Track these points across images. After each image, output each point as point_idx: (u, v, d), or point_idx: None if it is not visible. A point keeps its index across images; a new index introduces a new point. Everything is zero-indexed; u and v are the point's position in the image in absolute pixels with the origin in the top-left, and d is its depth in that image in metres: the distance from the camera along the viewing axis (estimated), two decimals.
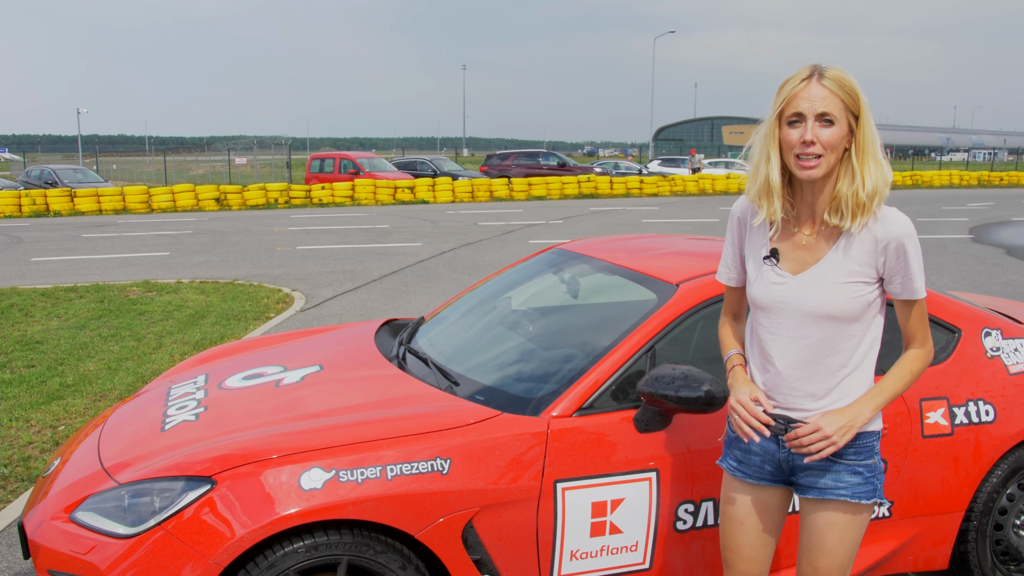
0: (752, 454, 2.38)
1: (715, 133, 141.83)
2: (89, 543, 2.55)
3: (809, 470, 2.31)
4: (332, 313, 9.02)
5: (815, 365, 2.24)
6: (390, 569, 2.59)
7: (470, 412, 2.82)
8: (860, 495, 2.27)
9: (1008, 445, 3.39)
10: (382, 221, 19.66)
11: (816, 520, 2.33)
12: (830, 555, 2.32)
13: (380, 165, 27.58)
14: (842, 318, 2.19)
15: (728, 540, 2.47)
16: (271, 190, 24.19)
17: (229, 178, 32.26)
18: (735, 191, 32.87)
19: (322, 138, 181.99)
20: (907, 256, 2.15)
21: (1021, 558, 3.59)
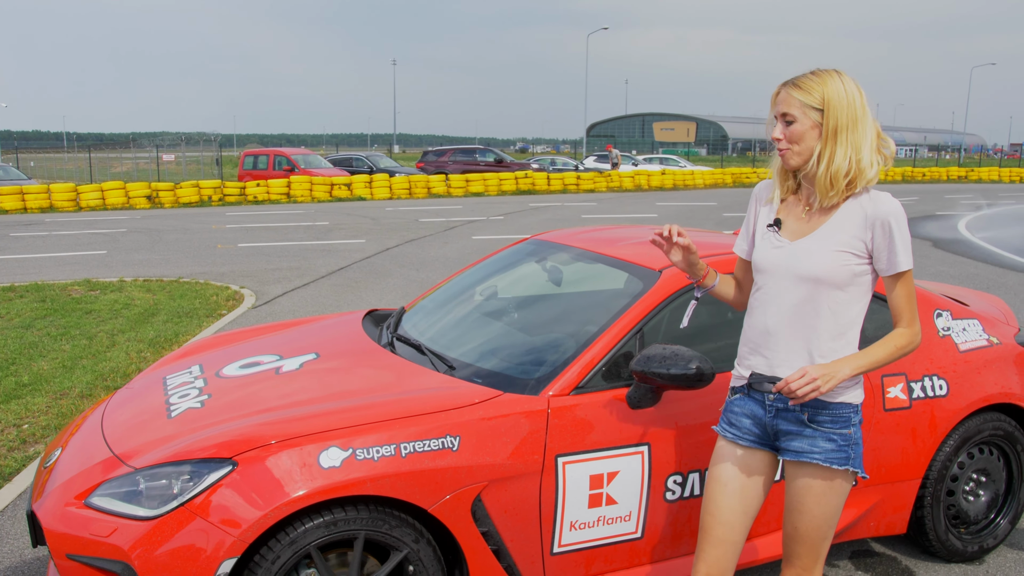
0: (742, 417, 2.60)
1: (646, 129, 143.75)
2: (110, 526, 2.64)
3: (789, 434, 2.53)
4: (284, 309, 9.06)
5: (800, 324, 2.47)
6: (404, 543, 2.75)
7: (474, 392, 2.99)
8: (833, 461, 2.48)
9: (959, 417, 3.70)
10: (321, 218, 19.60)
11: (796, 483, 2.54)
12: (808, 516, 2.53)
13: (315, 162, 27.40)
14: (828, 282, 2.43)
15: (710, 503, 2.63)
16: (204, 187, 23.87)
17: (158, 175, 31.67)
18: (671, 187, 33.52)
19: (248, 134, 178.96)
20: (892, 232, 2.40)
21: (970, 521, 3.91)
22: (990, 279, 11.67)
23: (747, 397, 2.60)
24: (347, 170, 28.13)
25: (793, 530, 2.57)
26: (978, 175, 44.37)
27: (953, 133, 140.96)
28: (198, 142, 40.79)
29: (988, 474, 3.91)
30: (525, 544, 2.94)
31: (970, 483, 3.88)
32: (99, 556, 2.62)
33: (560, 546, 3.00)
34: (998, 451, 3.93)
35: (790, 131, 2.43)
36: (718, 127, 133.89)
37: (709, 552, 2.60)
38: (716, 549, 2.59)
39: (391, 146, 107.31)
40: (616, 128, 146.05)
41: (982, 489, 3.91)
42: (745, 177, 37.42)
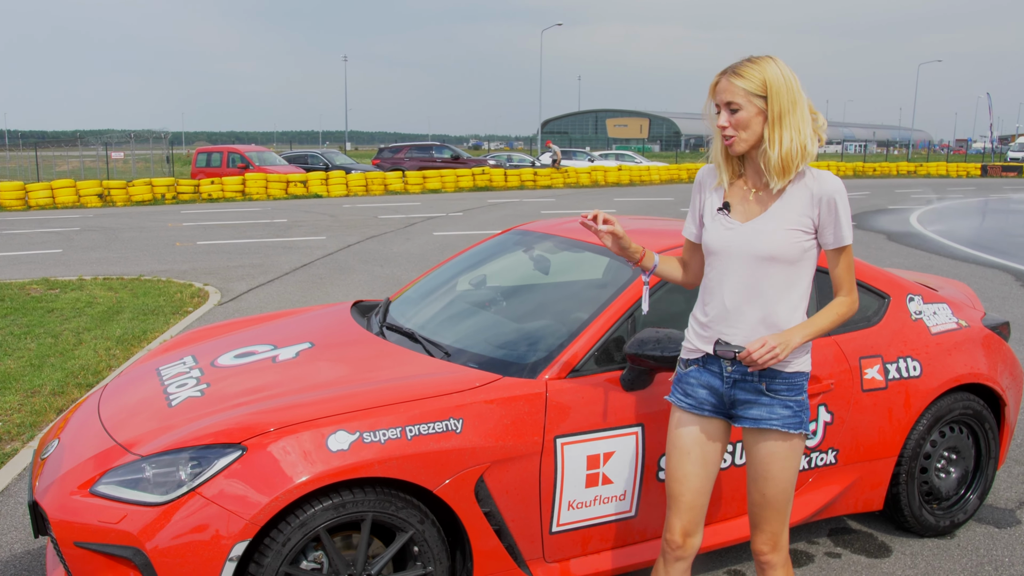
0: (699, 388, 2.70)
1: (599, 126, 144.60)
2: (119, 513, 2.68)
3: (747, 403, 2.64)
4: (251, 306, 9.04)
5: (755, 299, 2.59)
6: (409, 523, 2.83)
7: (474, 377, 3.07)
8: (790, 426, 2.62)
9: (932, 397, 3.87)
10: (278, 215, 19.47)
11: (759, 452, 2.66)
12: (775, 482, 2.66)
13: (270, 159, 27.17)
14: (782, 259, 2.56)
15: (676, 471, 2.74)
16: (157, 185, 23.54)
17: (107, 173, 31.12)
18: (627, 183, 33.85)
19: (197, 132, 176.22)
20: (837, 208, 2.55)
21: (942, 498, 4.09)
22: (943, 271, 12.03)
23: (703, 369, 2.70)
24: (302, 167, 27.94)
25: (761, 497, 2.69)
26: (927, 170, 45.44)
27: (901, 129, 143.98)
28: (147, 140, 40.11)
29: (958, 452, 4.09)
30: (526, 523, 3.03)
31: (942, 460, 4.06)
32: (109, 543, 2.66)
33: (559, 525, 3.10)
34: (967, 430, 4.11)
35: (736, 119, 2.52)
36: (671, 123, 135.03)
37: (682, 515, 2.73)
38: (689, 512, 2.73)
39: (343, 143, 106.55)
40: (569, 124, 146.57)
41: (953, 466, 4.09)
42: None
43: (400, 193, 27.39)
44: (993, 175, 45.87)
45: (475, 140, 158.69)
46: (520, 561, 3.06)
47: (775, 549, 2.72)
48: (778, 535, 2.72)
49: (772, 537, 2.72)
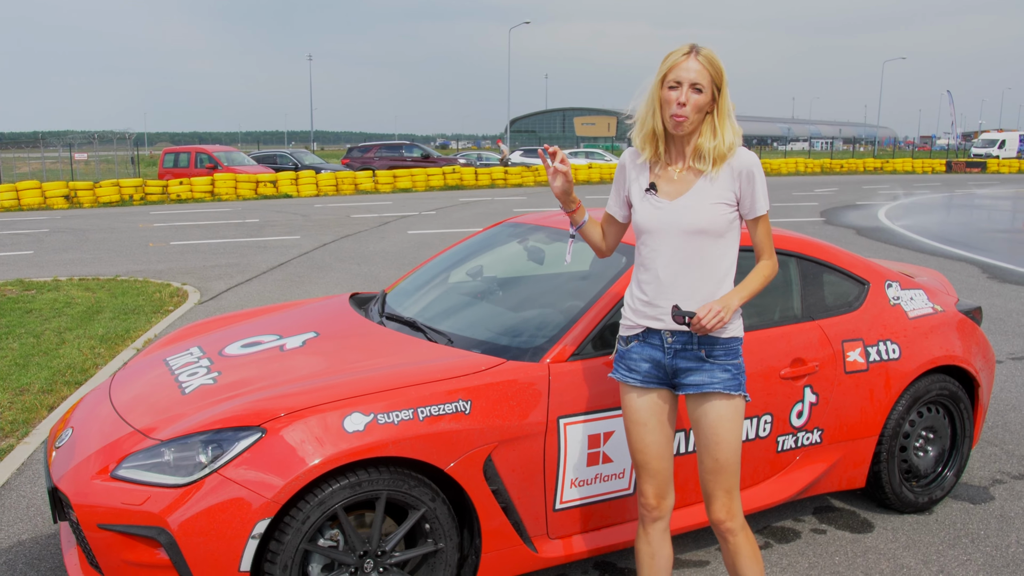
0: (641, 362, 2.85)
1: (567, 124, 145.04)
2: (143, 495, 2.79)
3: (688, 371, 2.79)
4: (232, 304, 9.11)
5: (688, 272, 2.75)
6: (422, 501, 2.97)
7: (480, 360, 3.22)
8: (731, 387, 2.77)
9: (910, 378, 4.08)
10: (250, 216, 19.46)
11: (707, 419, 2.80)
12: (725, 445, 2.79)
13: (239, 159, 27.10)
14: (710, 232, 2.73)
15: (637, 443, 2.90)
16: (125, 186, 23.41)
17: (71, 175, 30.85)
18: (597, 181, 34.11)
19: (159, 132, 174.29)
20: (754, 179, 2.73)
21: (920, 475, 4.30)
22: (913, 264, 12.35)
23: (644, 344, 2.84)
24: (271, 167, 27.91)
25: (714, 463, 2.81)
26: (893, 166, 46.21)
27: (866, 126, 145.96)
28: (111, 140, 39.74)
29: (935, 431, 4.30)
30: (531, 501, 3.18)
31: (920, 439, 4.27)
32: (134, 524, 2.77)
33: (562, 502, 3.26)
34: (943, 410, 4.33)
35: (697, 100, 2.65)
36: None
37: (652, 480, 2.90)
38: (657, 476, 2.90)
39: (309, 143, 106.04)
40: (537, 123, 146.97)
41: (930, 445, 4.30)
42: None
43: (371, 192, 27.44)
44: (958, 171, 46.76)
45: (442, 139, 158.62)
46: (525, 537, 3.21)
47: (732, 515, 2.85)
48: (732, 500, 2.84)
49: (728, 503, 2.84)
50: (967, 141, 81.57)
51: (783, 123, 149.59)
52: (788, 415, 3.74)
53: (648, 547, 2.95)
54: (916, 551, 3.89)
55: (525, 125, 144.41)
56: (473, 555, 3.17)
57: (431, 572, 3.07)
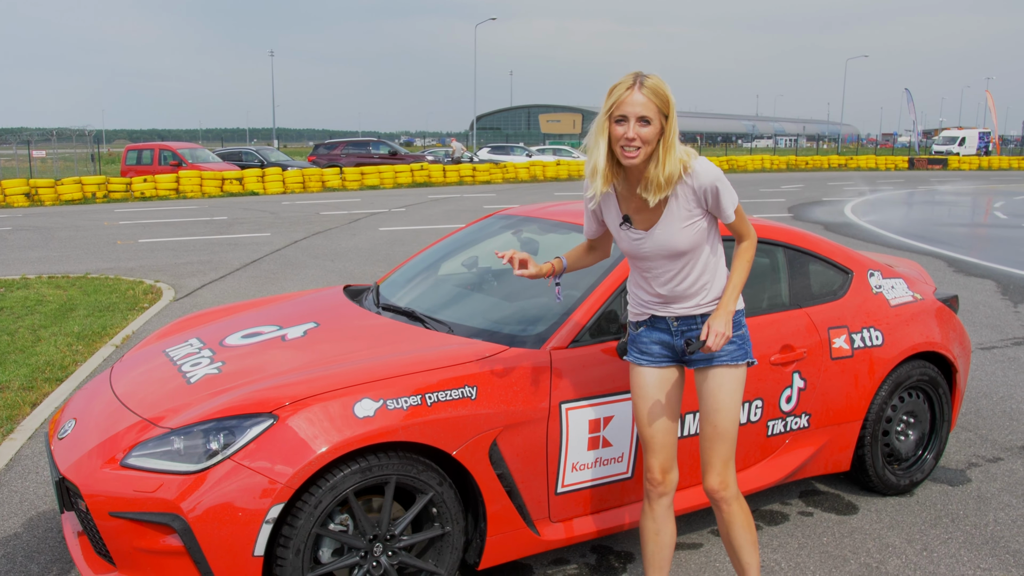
0: (652, 345, 3.00)
1: (532, 121, 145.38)
2: (155, 482, 2.84)
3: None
4: (207, 301, 9.09)
5: (685, 284, 2.90)
6: (430, 486, 3.05)
7: (483, 348, 3.31)
8: (737, 357, 2.94)
9: (893, 364, 4.23)
10: (218, 213, 19.34)
11: (709, 386, 2.96)
12: (724, 412, 2.94)
13: (204, 156, 26.88)
14: (692, 250, 2.87)
15: (644, 417, 3.03)
16: (87, 184, 23.11)
17: (30, 172, 30.37)
18: (565, 177, 34.28)
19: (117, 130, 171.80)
20: (719, 194, 2.80)
21: (902, 458, 4.45)
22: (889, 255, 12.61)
23: (652, 328, 2.99)
24: (237, 164, 27.69)
25: (712, 429, 2.96)
26: (857, 163, 46.94)
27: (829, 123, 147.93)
28: (70, 137, 39.18)
29: (916, 415, 4.46)
30: (534, 485, 3.28)
31: (901, 424, 4.42)
32: (146, 511, 2.82)
33: (564, 486, 3.35)
34: (923, 395, 4.48)
35: (645, 133, 2.67)
36: None
37: (657, 455, 3.03)
38: (662, 451, 3.03)
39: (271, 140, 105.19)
40: (502, 120, 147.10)
41: (911, 429, 4.46)
42: None
43: (338, 190, 27.35)
44: (920, 168, 47.59)
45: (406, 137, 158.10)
46: (528, 521, 3.30)
47: (727, 485, 2.98)
48: (727, 470, 2.98)
49: (723, 472, 2.97)
50: (928, 139, 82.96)
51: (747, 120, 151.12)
52: (778, 400, 3.87)
53: (653, 523, 3.06)
54: (900, 531, 4.04)
55: (490, 122, 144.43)
56: (477, 539, 3.26)
57: (438, 555, 3.15)
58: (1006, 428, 5.45)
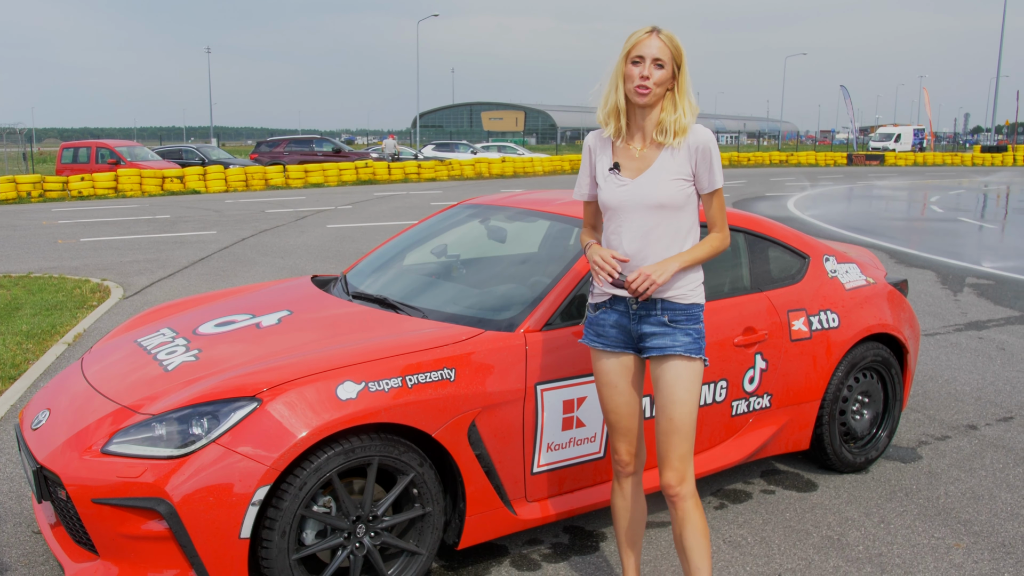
0: (608, 327, 3.02)
1: (474, 119, 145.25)
2: (139, 468, 2.87)
3: (652, 335, 2.95)
4: (159, 298, 9.00)
5: (652, 245, 2.92)
6: (411, 466, 3.12)
7: (460, 331, 3.38)
8: (692, 351, 2.91)
9: (848, 345, 4.41)
10: (160, 212, 19.05)
11: (666, 378, 2.92)
12: (680, 404, 2.91)
13: (142, 154, 26.41)
14: (671, 206, 2.92)
15: (608, 403, 3.07)
16: (22, 183, 22.54)
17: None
18: (511, 174, 34.43)
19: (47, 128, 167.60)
20: (710, 155, 2.93)
21: (857, 437, 4.64)
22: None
23: (611, 310, 3.01)
24: (177, 163, 27.27)
25: (668, 423, 2.92)
26: (797, 159, 47.91)
27: (769, 121, 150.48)
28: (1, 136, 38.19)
29: (870, 395, 4.65)
30: (511, 465, 3.37)
31: (856, 403, 4.61)
32: (131, 496, 2.84)
33: (539, 466, 3.45)
34: (877, 375, 4.68)
35: (659, 75, 2.82)
36: (546, 116, 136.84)
37: (624, 438, 3.07)
38: (628, 435, 3.07)
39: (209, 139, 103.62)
40: (444, 118, 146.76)
41: (866, 408, 4.64)
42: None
43: (282, 188, 27.10)
44: (858, 164, 48.72)
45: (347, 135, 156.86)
46: (506, 500, 3.39)
47: (683, 481, 2.94)
48: (684, 466, 2.94)
49: (680, 468, 2.93)
50: (865, 135, 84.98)
51: None
52: (741, 381, 4.01)
53: (624, 501, 3.15)
54: (858, 505, 4.22)
55: (432, 120, 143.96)
56: (456, 519, 3.34)
57: (419, 536, 3.23)
58: (952, 408, 5.70)
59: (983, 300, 9.53)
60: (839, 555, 3.73)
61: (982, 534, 3.95)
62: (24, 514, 3.97)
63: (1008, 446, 5.04)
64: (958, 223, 18.24)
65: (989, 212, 22.03)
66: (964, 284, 10.53)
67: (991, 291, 10.10)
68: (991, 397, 5.95)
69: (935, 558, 3.72)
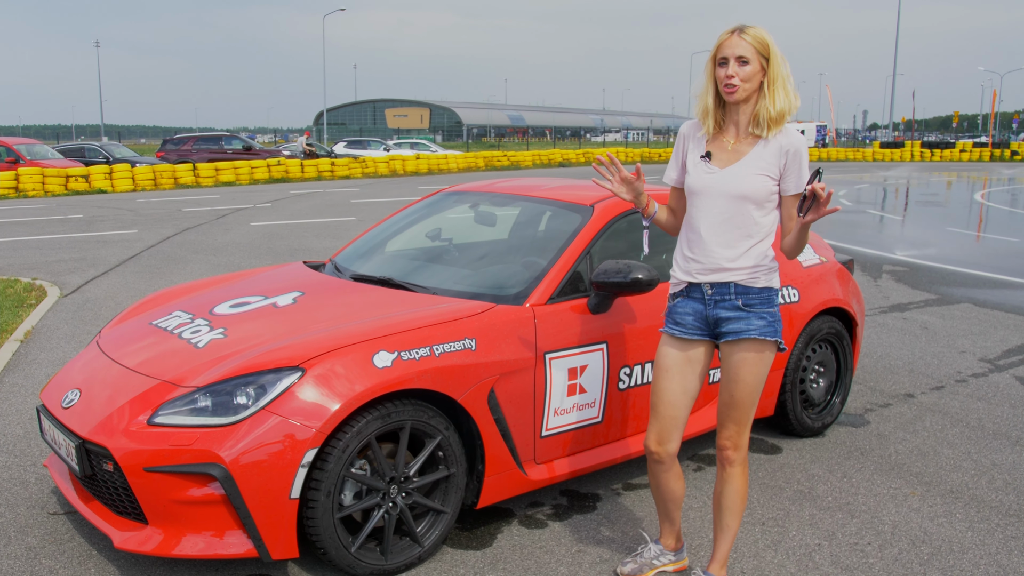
0: (686, 315, 3.29)
1: (378, 116, 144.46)
2: (191, 436, 3.09)
3: (728, 320, 3.23)
4: (99, 296, 8.99)
5: (729, 232, 3.17)
6: (438, 430, 3.41)
7: (474, 305, 3.69)
8: (766, 333, 3.13)
9: (807, 318, 4.87)
10: (70, 211, 18.65)
11: (733, 358, 3.24)
12: (743, 384, 3.18)
13: (42, 152, 25.68)
14: (751, 199, 3.16)
15: (655, 385, 3.29)
16: None
17: None
18: (426, 171, 34.62)
19: None
20: (800, 158, 3.20)
21: (815, 404, 5.12)
22: None
23: (687, 299, 3.27)
24: (80, 161, 26.61)
25: (729, 397, 3.20)
26: None
27: (675, 117, 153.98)
28: None
29: (825, 365, 5.13)
30: (523, 429, 3.69)
31: (814, 373, 5.08)
32: (184, 463, 3.07)
33: (547, 430, 3.78)
34: (831, 346, 5.16)
35: (744, 71, 3.05)
36: (452, 113, 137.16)
37: (658, 424, 3.32)
38: (663, 422, 3.31)
39: (100, 137, 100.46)
40: (347, 115, 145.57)
41: (821, 378, 5.12)
42: (496, 161, 39.34)
43: (192, 187, 26.72)
44: None
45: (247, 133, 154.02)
46: (519, 462, 3.71)
47: (736, 447, 3.24)
48: (739, 435, 3.23)
49: (734, 435, 3.23)
50: None
51: (595, 115, 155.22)
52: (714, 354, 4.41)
53: (654, 479, 3.41)
54: (821, 463, 4.69)
55: (335, 117, 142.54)
56: (474, 481, 3.64)
57: (444, 495, 3.52)
58: (889, 380, 6.27)
59: (901, 285, 10.27)
60: (812, 505, 4.17)
61: (932, 483, 4.45)
62: (33, 498, 4.11)
63: (943, 410, 5.60)
64: (866, 215, 19.32)
65: (894, 205, 23.31)
66: (882, 271, 11.30)
67: (907, 277, 10.87)
68: (922, 369, 6.55)
69: (895, 504, 4.20)
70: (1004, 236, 15.91)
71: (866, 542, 3.81)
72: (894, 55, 61.53)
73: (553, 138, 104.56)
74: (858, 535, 3.87)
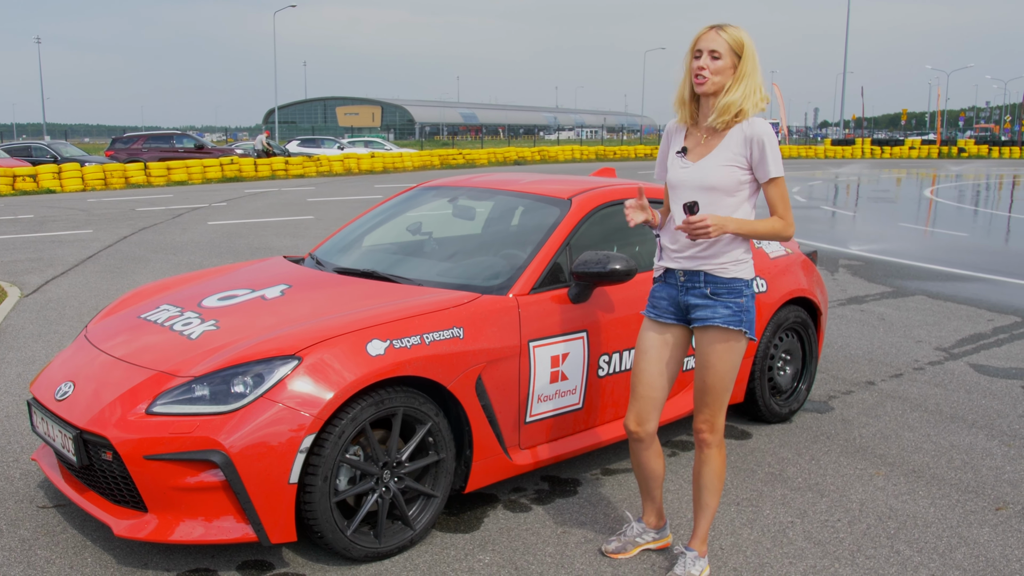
0: (661, 299, 3.49)
1: (329, 114, 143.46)
2: (190, 424, 3.19)
3: (697, 306, 3.40)
4: (61, 295, 8.96)
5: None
6: (428, 416, 3.55)
7: (460, 295, 3.83)
8: (730, 322, 3.29)
9: (774, 308, 5.08)
10: (20, 211, 18.41)
11: (702, 345, 3.43)
12: (712, 371, 3.36)
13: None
14: (720, 189, 3.33)
15: (635, 366, 3.49)
16: None
17: None
18: (381, 170, 34.61)
19: None
20: (765, 148, 3.33)
21: (782, 390, 5.34)
22: None
23: (664, 284, 3.48)
24: (27, 160, 26.22)
25: (702, 383, 3.39)
26: None
27: (628, 115, 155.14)
28: None
29: (791, 353, 5.35)
30: (509, 415, 3.84)
31: (781, 361, 5.30)
32: (185, 450, 3.17)
33: (531, 416, 3.94)
34: (796, 335, 5.39)
35: (715, 65, 3.22)
36: (404, 111, 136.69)
37: (635, 404, 3.50)
38: (641, 402, 3.49)
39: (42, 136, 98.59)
40: (297, 113, 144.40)
41: (788, 365, 5.35)
42: (452, 159, 39.44)
43: (144, 186, 26.46)
44: None
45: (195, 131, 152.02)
46: (504, 448, 3.86)
47: (712, 430, 3.40)
48: (714, 419, 3.39)
49: (709, 419, 3.39)
50: None
51: (548, 112, 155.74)
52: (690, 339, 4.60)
53: (636, 459, 3.57)
54: (790, 447, 4.90)
55: (284, 115, 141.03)
56: (462, 466, 3.78)
57: (434, 480, 3.66)
58: (850, 368, 6.53)
59: (857, 279, 10.60)
60: (783, 486, 4.38)
61: (896, 464, 4.69)
62: (20, 493, 4.16)
63: (903, 397, 5.87)
64: (820, 211, 19.79)
65: (846, 201, 23.85)
66: (838, 265, 11.63)
67: (863, 270, 11.22)
68: (881, 359, 6.82)
69: (862, 483, 4.42)
70: (953, 231, 16.41)
71: (836, 519, 4.02)
72: (844, 53, 62.73)
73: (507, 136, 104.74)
74: (828, 512, 4.08)
